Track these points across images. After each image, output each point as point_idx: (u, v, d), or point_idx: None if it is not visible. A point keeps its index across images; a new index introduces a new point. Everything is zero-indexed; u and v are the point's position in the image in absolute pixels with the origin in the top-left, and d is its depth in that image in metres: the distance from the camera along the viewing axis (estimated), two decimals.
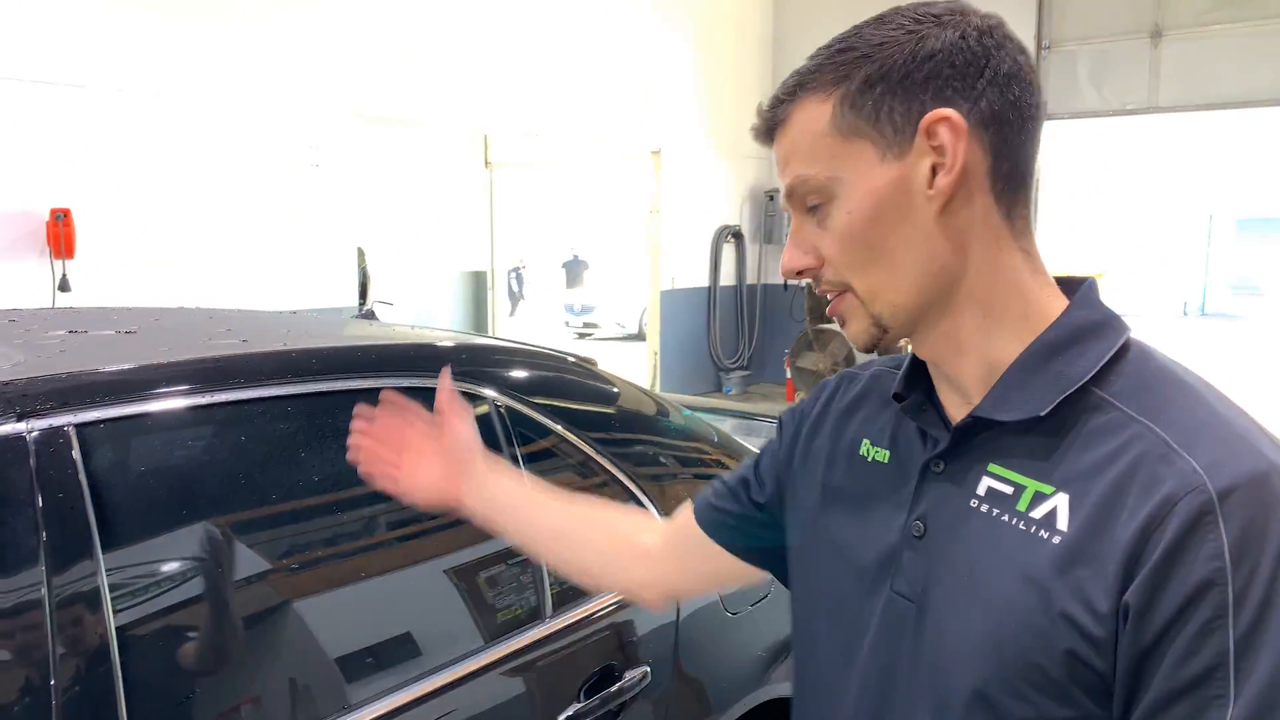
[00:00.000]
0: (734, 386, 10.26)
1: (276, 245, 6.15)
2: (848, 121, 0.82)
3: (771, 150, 0.89)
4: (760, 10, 10.28)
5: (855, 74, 0.82)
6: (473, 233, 12.47)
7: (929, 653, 0.83)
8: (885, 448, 0.93)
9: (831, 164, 0.83)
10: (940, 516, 0.85)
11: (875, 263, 0.83)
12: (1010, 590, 0.77)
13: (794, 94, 0.85)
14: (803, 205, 0.86)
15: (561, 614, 1.65)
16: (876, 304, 0.84)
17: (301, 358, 1.48)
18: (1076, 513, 0.76)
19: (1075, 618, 0.73)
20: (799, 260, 0.87)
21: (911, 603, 0.85)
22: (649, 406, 2.13)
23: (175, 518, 1.31)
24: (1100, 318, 0.84)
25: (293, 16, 6.14)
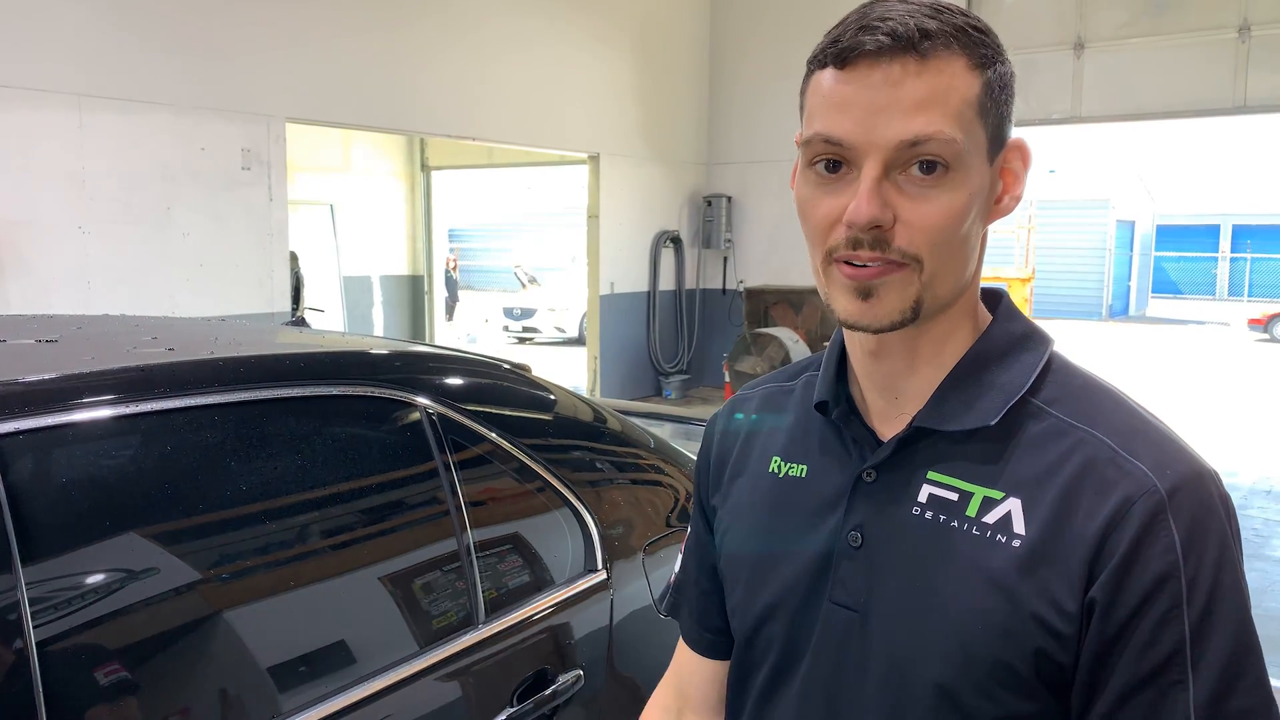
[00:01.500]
0: (674, 390, 10.32)
1: (205, 251, 6.03)
2: (984, 107, 0.80)
3: (871, 68, 0.78)
4: (696, 17, 10.37)
5: (994, 65, 0.81)
6: (410, 236, 12.35)
7: (879, 659, 0.84)
8: (802, 462, 0.94)
9: (967, 138, 0.78)
10: (879, 525, 0.86)
11: (951, 249, 0.80)
12: (973, 594, 0.80)
13: (949, 41, 0.78)
14: (909, 159, 0.78)
15: (495, 619, 1.65)
16: (930, 289, 0.81)
17: (228, 366, 1.47)
18: (1032, 516, 0.79)
19: (1044, 617, 0.77)
20: (881, 213, 0.78)
21: (854, 612, 0.86)
22: (585, 413, 2.15)
23: (99, 530, 1.29)
24: (1025, 329, 0.88)
25: (222, 20, 6.03)
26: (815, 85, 0.82)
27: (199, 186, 5.97)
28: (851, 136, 0.78)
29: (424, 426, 1.65)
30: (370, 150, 11.71)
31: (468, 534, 1.65)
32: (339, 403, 1.57)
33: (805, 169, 0.83)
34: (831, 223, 0.81)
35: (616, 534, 1.95)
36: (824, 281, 0.84)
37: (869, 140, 0.77)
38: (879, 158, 0.78)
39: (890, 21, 0.77)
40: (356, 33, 6.92)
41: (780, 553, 0.93)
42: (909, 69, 0.77)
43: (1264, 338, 19.46)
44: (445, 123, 7.83)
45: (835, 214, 0.80)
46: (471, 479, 1.71)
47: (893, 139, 0.77)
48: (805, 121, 0.83)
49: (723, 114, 10.56)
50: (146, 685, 1.29)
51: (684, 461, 2.34)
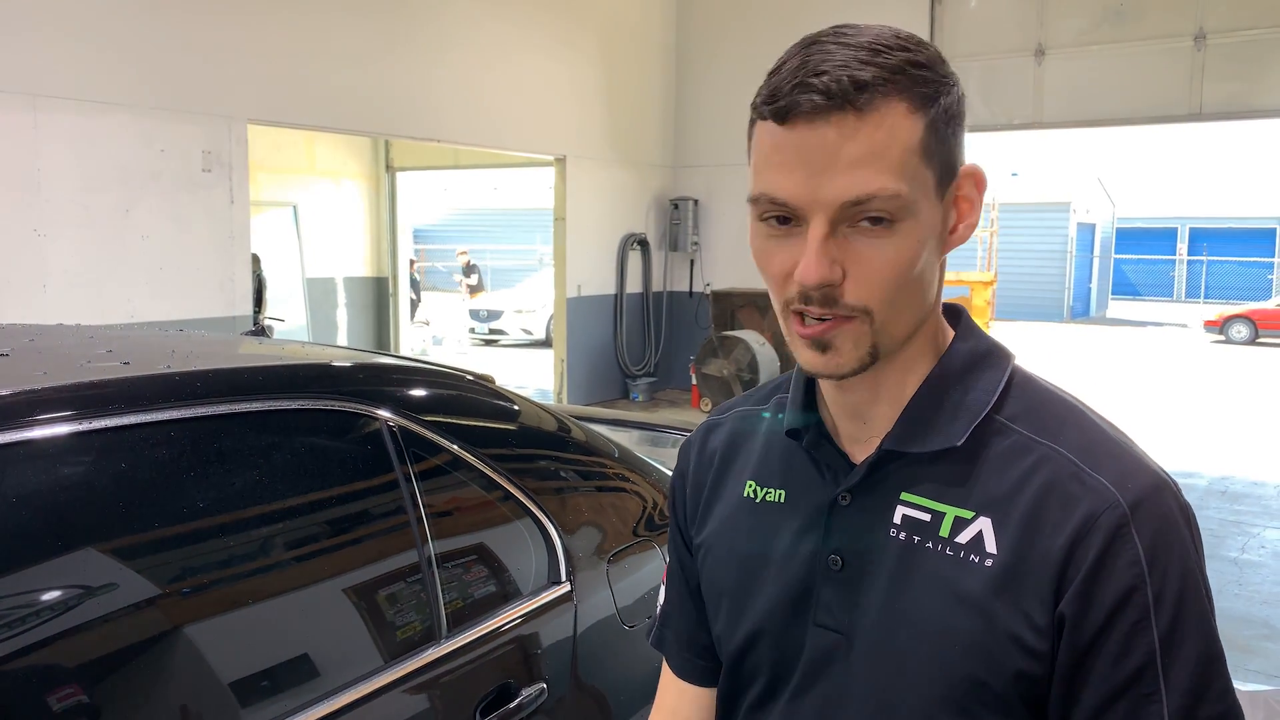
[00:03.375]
0: (641, 393, 10.33)
1: (165, 254, 5.94)
2: (929, 148, 0.78)
3: (799, 123, 0.76)
4: (663, 21, 10.39)
5: (939, 99, 0.79)
6: (373, 237, 12.25)
7: (865, 680, 0.85)
8: (779, 487, 0.94)
9: (913, 186, 0.77)
10: (857, 548, 0.86)
11: (903, 294, 0.80)
12: (948, 614, 0.81)
13: (886, 89, 0.76)
14: (855, 215, 0.77)
15: (457, 633, 1.64)
16: (884, 334, 0.81)
17: (185, 381, 1.45)
18: (1002, 535, 0.80)
19: (1019, 636, 0.78)
20: (832, 273, 0.78)
21: (840, 634, 0.87)
22: (548, 423, 2.14)
23: (52, 549, 1.26)
24: (986, 347, 0.89)
25: (182, 19, 5.95)
26: (759, 137, 0.81)
27: (158, 188, 5.88)
28: (795, 199, 0.78)
29: (384, 439, 1.63)
30: (334, 151, 11.61)
31: (429, 547, 1.64)
32: (298, 417, 1.56)
33: (755, 220, 0.82)
34: (786, 274, 0.81)
35: (580, 545, 1.94)
36: (786, 329, 0.84)
37: (813, 200, 0.77)
38: (824, 216, 0.77)
39: (824, 77, 0.75)
40: (319, 33, 6.85)
41: (762, 577, 0.93)
42: (845, 128, 0.75)
43: (1220, 339, 19.83)
44: (409, 125, 7.78)
45: (789, 266, 0.80)
46: (433, 491, 1.70)
47: (835, 199, 0.76)
48: (753, 175, 0.82)
49: (689, 117, 10.58)
50: (102, 706, 1.27)
51: (649, 471, 2.34)
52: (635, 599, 2.04)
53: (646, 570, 2.12)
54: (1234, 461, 8.35)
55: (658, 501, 2.27)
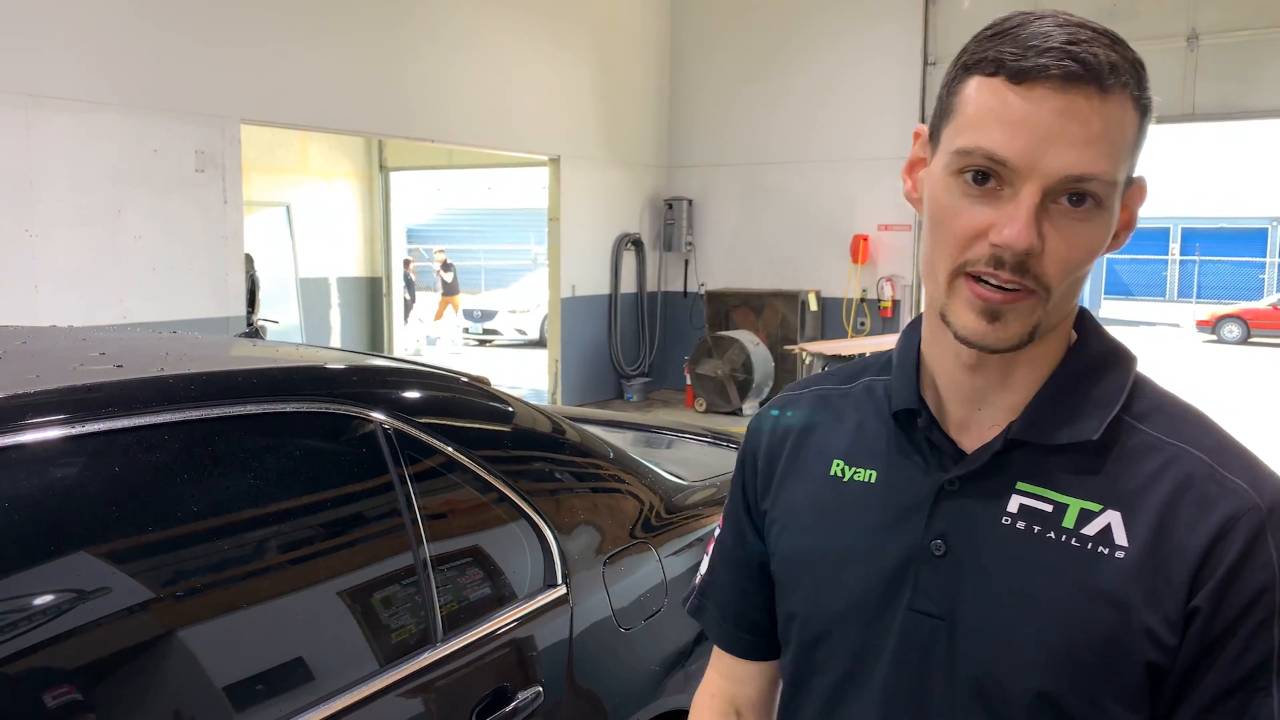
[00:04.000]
0: (635, 393, 10.32)
1: (158, 255, 5.92)
2: (1134, 147, 0.80)
3: (1004, 89, 0.77)
4: (657, 20, 10.39)
5: (1149, 107, 0.81)
6: (367, 237, 12.23)
7: (970, 665, 0.85)
8: (870, 467, 0.93)
9: (1120, 177, 0.79)
10: (965, 534, 0.86)
11: (1076, 282, 0.82)
12: (1078, 604, 0.81)
13: (1127, 78, 0.77)
14: (1065, 190, 0.77)
15: (453, 636, 1.64)
16: (1049, 315, 0.82)
17: (179, 384, 1.44)
18: (1134, 529, 0.81)
19: (1154, 629, 0.79)
20: (1037, 242, 0.78)
21: (940, 620, 0.87)
22: (543, 425, 2.14)
23: (45, 554, 1.25)
24: (1113, 346, 0.91)
25: (174, 19, 5.93)
26: (977, 92, 0.79)
27: (151, 189, 5.86)
28: (1018, 159, 0.77)
29: (379, 441, 1.63)
30: (327, 151, 11.58)
31: (424, 550, 1.63)
32: (292, 419, 1.55)
33: (948, 175, 0.81)
34: (973, 236, 0.80)
35: (576, 547, 1.94)
36: (946, 292, 0.83)
37: (1034, 166, 0.76)
38: (1040, 185, 0.77)
39: (1079, 48, 0.76)
40: (313, 34, 6.84)
41: (848, 558, 0.92)
42: (1091, 103, 0.76)
43: (1211, 339, 19.89)
44: (404, 125, 7.76)
45: (979, 228, 0.79)
46: (428, 494, 1.69)
47: (1060, 171, 0.76)
48: (956, 126, 0.81)
49: (683, 117, 10.58)
50: (95, 711, 1.26)
51: (644, 472, 2.34)
52: (631, 601, 2.04)
53: (643, 572, 2.12)
54: None
55: (654, 504, 2.27)
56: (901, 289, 9.59)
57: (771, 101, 9.96)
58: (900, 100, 9.30)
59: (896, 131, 9.36)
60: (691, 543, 2.32)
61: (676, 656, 2.20)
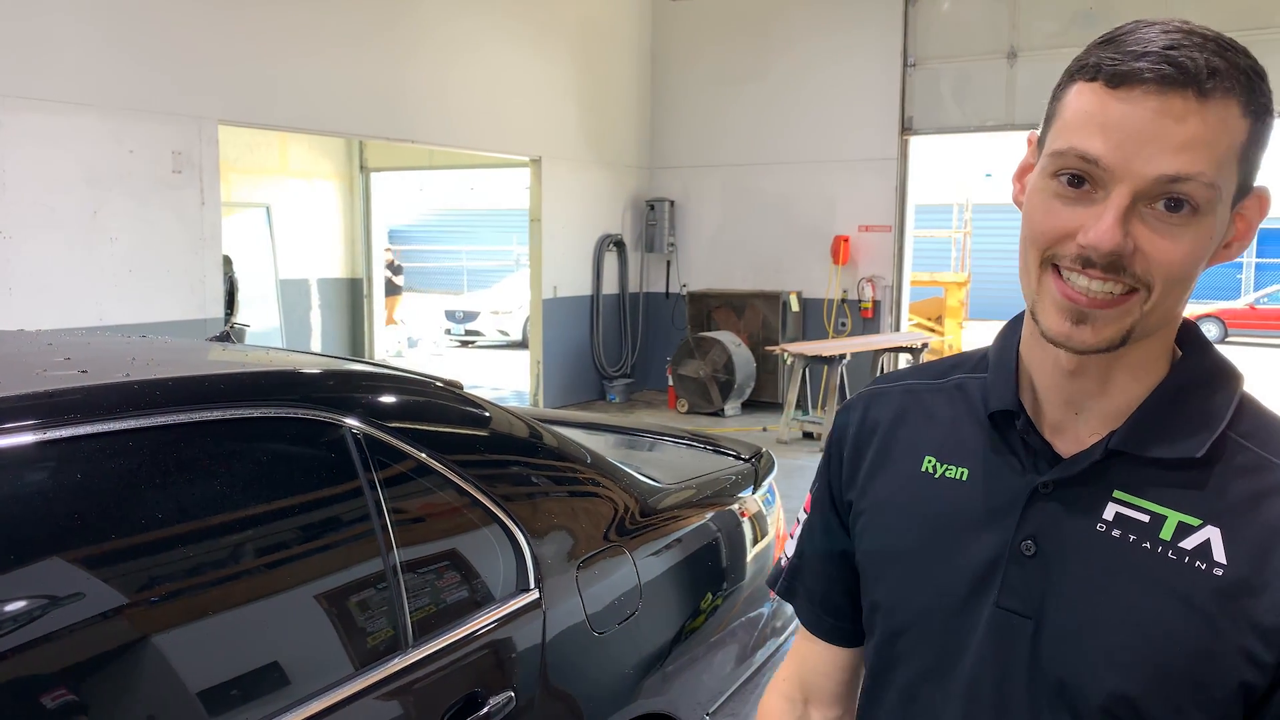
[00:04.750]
0: (618, 394, 10.32)
1: (134, 256, 5.87)
2: (1245, 155, 0.79)
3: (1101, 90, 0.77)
4: (639, 22, 10.38)
5: (1264, 114, 0.80)
6: (348, 238, 12.17)
7: (1055, 664, 0.86)
8: (962, 465, 0.94)
9: (1224, 183, 0.78)
10: (1057, 537, 0.87)
11: (1177, 287, 0.81)
12: (1170, 615, 0.82)
13: (1231, 84, 0.77)
14: (1159, 194, 0.77)
15: (423, 642, 1.63)
16: (1147, 319, 0.81)
17: (144, 389, 1.42)
18: (1234, 547, 0.81)
19: (1250, 649, 0.80)
20: (1124, 244, 0.78)
21: (1027, 618, 0.87)
22: (517, 429, 2.13)
23: (7, 562, 1.24)
24: (1220, 362, 0.90)
25: (150, 19, 5.88)
26: (1077, 97, 0.80)
27: (127, 190, 5.81)
28: (1110, 160, 0.77)
29: (348, 446, 1.62)
30: (307, 151, 11.52)
31: (394, 555, 1.62)
32: (260, 425, 1.54)
33: (1046, 176, 0.82)
34: (1062, 236, 0.80)
35: (549, 551, 1.93)
36: (1034, 289, 0.84)
37: (1126, 168, 0.77)
38: (1131, 187, 0.77)
39: (1176, 52, 0.76)
40: (291, 34, 6.80)
41: (937, 553, 0.93)
42: (1188, 105, 0.76)
43: None
44: (383, 125, 7.73)
45: (1069, 229, 0.80)
46: (398, 499, 1.68)
47: (1152, 172, 0.76)
48: (1056, 130, 0.82)
49: (665, 119, 10.59)
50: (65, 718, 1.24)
51: (619, 475, 2.33)
52: (605, 605, 2.03)
53: (618, 576, 2.11)
54: None
55: (629, 507, 2.27)
56: (882, 290, 9.63)
57: (753, 103, 9.98)
58: (881, 102, 9.33)
59: (877, 133, 9.40)
60: (667, 545, 2.32)
61: (653, 659, 2.20)
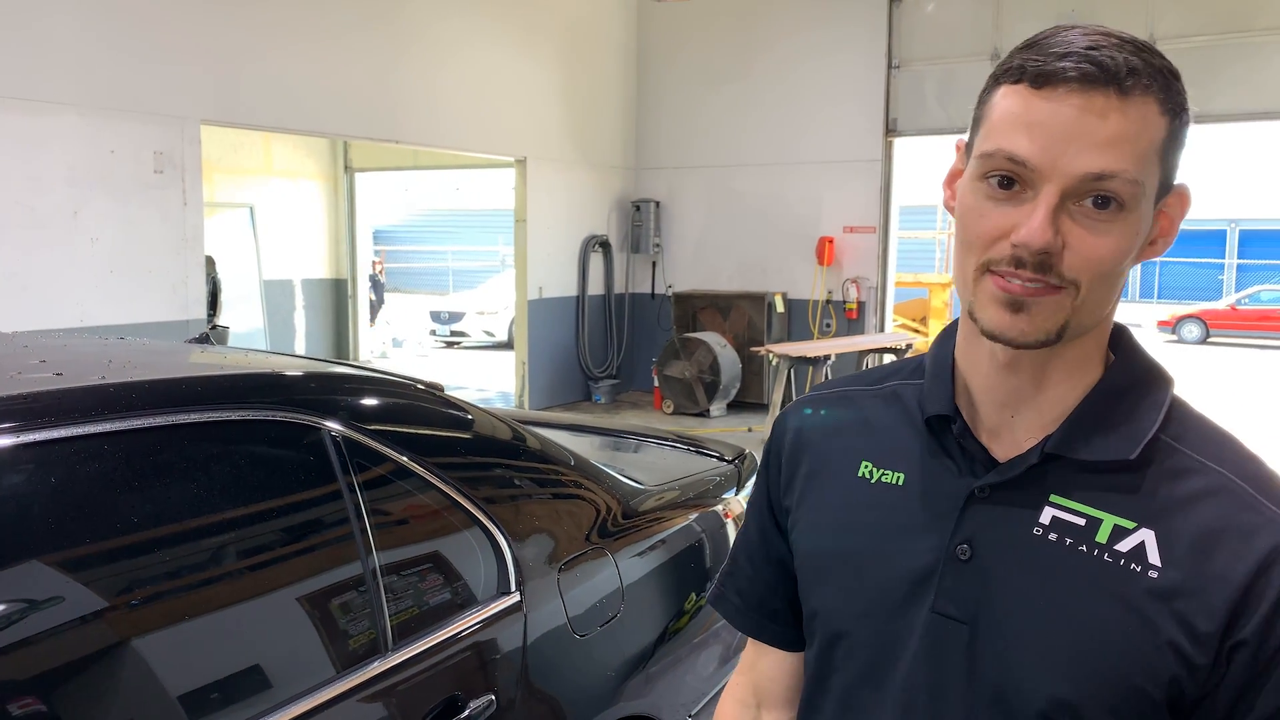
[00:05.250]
0: (603, 395, 10.31)
1: (115, 257, 5.83)
2: (1165, 152, 0.81)
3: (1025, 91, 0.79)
4: (624, 24, 10.38)
5: (1180, 112, 0.82)
6: (332, 238, 12.13)
7: (991, 670, 0.86)
8: (898, 470, 0.94)
9: (1146, 179, 0.80)
10: (993, 542, 0.87)
11: (1105, 283, 0.82)
12: (1106, 618, 0.82)
13: (1150, 82, 0.79)
14: (1086, 191, 0.79)
15: (403, 646, 1.62)
16: (1079, 315, 0.82)
17: (120, 392, 1.41)
18: (1168, 549, 0.82)
19: (1180, 646, 0.80)
20: (1054, 241, 0.79)
21: (962, 623, 0.87)
22: (499, 431, 2.12)
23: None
24: (1151, 365, 0.91)
25: (131, 18, 5.84)
26: (1003, 99, 0.82)
27: (108, 190, 5.77)
28: (1037, 160, 0.79)
29: (327, 449, 1.61)
30: (291, 151, 11.47)
31: (374, 558, 1.61)
32: (237, 427, 1.53)
33: (976, 179, 0.83)
34: (996, 237, 0.81)
35: (530, 554, 1.93)
36: (972, 290, 0.84)
37: (1053, 166, 0.78)
38: (1059, 185, 0.78)
39: (1096, 52, 0.78)
40: (274, 33, 6.76)
41: (873, 558, 0.93)
42: (1109, 103, 0.78)
43: (1173, 339, 20.20)
44: (368, 126, 7.70)
45: (1002, 229, 0.81)
46: (378, 502, 1.68)
47: (1078, 170, 0.78)
48: (984, 133, 0.83)
49: (650, 120, 10.58)
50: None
51: (602, 477, 2.33)
52: (587, 608, 2.03)
53: (600, 578, 2.11)
54: None
55: (612, 508, 2.26)
56: (866, 290, 9.65)
57: (738, 104, 9.99)
58: (865, 103, 9.36)
59: (862, 134, 9.43)
60: (650, 547, 2.32)
61: (636, 661, 2.20)
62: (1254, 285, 22.88)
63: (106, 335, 2.11)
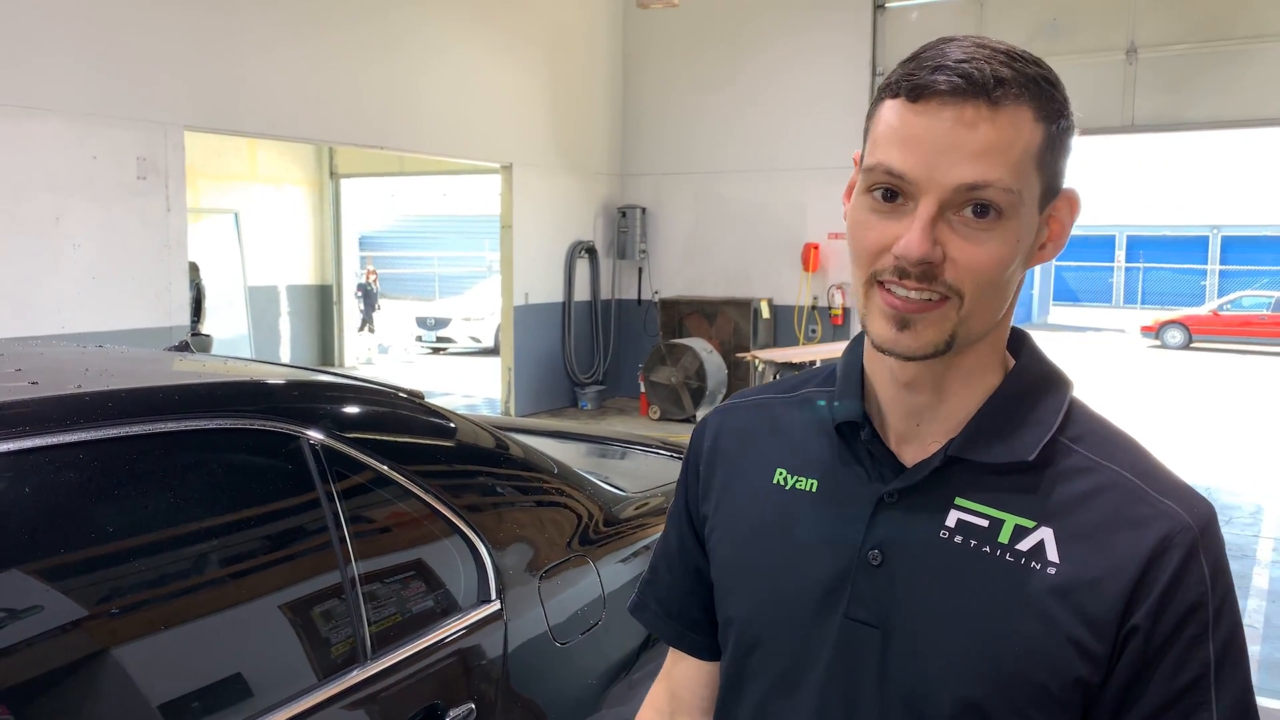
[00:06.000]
0: (589, 401, 10.30)
1: (97, 263, 5.80)
2: (1043, 158, 0.82)
3: (898, 105, 0.81)
4: (610, 30, 10.40)
5: (1059, 119, 0.83)
6: (317, 244, 12.09)
7: (902, 674, 0.87)
8: (811, 477, 0.95)
9: (1024, 187, 0.81)
10: (902, 545, 0.88)
11: (991, 291, 0.83)
12: (1010, 617, 0.83)
13: (1020, 91, 0.80)
14: (964, 201, 0.80)
15: (382, 654, 1.62)
16: (967, 324, 0.84)
17: (96, 401, 1.40)
18: (1065, 546, 0.84)
19: (1080, 640, 0.82)
20: (932, 251, 0.80)
21: (874, 628, 0.88)
22: (480, 439, 2.12)
23: None
24: (1051, 369, 0.93)
25: (114, 24, 5.82)
26: (884, 113, 0.84)
27: (90, 196, 5.74)
28: (914, 172, 0.80)
29: (305, 458, 1.60)
30: (276, 157, 11.44)
31: (352, 567, 1.61)
32: (215, 436, 1.52)
33: (861, 193, 0.85)
34: (881, 249, 0.83)
35: (511, 562, 1.92)
36: (863, 302, 0.86)
37: (930, 178, 0.80)
38: (936, 197, 0.80)
39: (967, 64, 0.80)
40: (259, 39, 6.75)
41: (787, 565, 0.94)
42: (980, 114, 0.79)
43: (1155, 344, 20.33)
44: (353, 132, 7.69)
45: (886, 242, 0.82)
46: (357, 511, 1.67)
47: (953, 181, 0.79)
48: (869, 147, 0.85)
49: (636, 126, 10.60)
50: None
51: (584, 484, 2.33)
52: (568, 616, 2.03)
53: (581, 586, 2.11)
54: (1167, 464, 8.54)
55: (594, 516, 2.26)
56: (851, 297, 9.69)
57: (724, 111, 10.02)
58: (850, 110, 9.39)
59: (846, 141, 9.46)
60: (633, 554, 2.32)
61: (618, 667, 2.19)
62: (1236, 291, 23.05)
63: (85, 343, 2.10)
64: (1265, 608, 5.05)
